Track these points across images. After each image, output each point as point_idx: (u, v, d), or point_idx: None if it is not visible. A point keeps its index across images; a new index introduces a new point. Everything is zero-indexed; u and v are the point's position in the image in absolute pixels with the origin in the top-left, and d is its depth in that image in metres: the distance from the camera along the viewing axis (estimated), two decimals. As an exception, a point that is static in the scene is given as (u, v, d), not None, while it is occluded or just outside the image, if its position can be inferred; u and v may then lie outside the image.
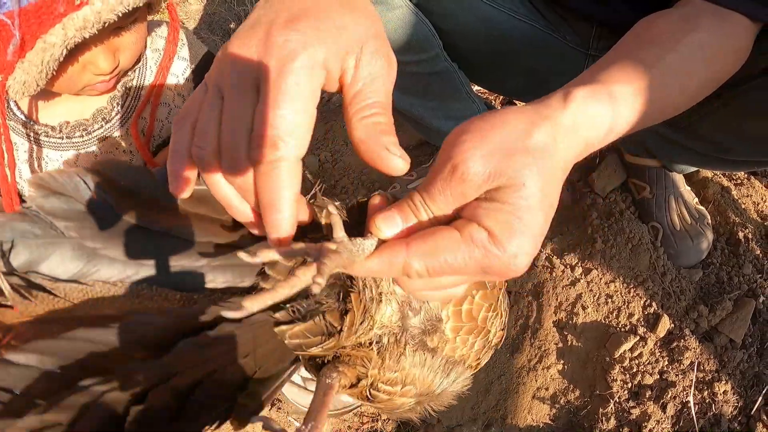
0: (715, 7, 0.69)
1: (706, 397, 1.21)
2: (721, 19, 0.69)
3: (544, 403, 1.28)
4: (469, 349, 0.64)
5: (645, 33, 0.68)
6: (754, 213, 1.45)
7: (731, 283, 1.28)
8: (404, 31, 1.03)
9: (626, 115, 0.53)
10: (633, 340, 1.19)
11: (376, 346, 0.57)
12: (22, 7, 0.68)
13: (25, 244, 0.42)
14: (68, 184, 0.43)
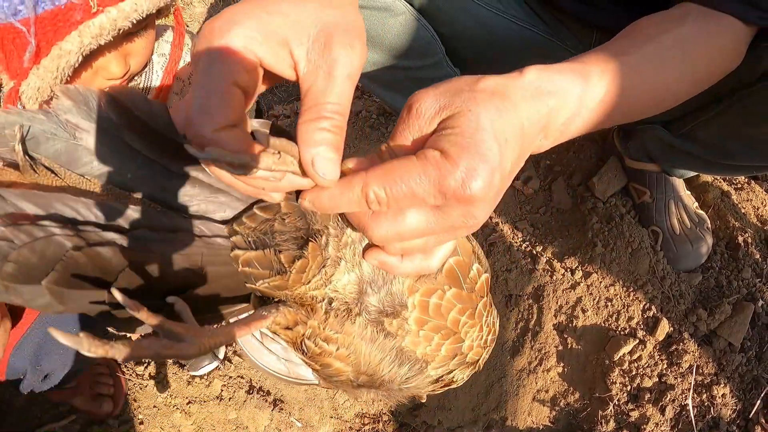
0: (704, 9, 0.71)
1: (705, 400, 1.22)
2: (709, 19, 0.70)
3: (544, 405, 1.30)
4: (433, 350, 0.60)
5: (632, 29, 0.70)
6: (754, 217, 1.46)
7: (730, 287, 1.29)
8: (407, 37, 1.05)
9: (597, 92, 0.54)
10: (632, 343, 1.21)
11: (324, 304, 0.56)
12: (38, 15, 0.70)
13: (42, 134, 0.45)
14: (88, 99, 0.46)
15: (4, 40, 0.71)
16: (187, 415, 1.26)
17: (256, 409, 1.26)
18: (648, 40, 0.66)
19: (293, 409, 1.31)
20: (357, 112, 1.63)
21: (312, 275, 0.54)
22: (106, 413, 1.25)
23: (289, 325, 0.56)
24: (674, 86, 0.68)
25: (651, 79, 0.65)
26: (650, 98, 0.65)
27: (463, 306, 0.60)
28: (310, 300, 0.56)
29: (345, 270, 0.55)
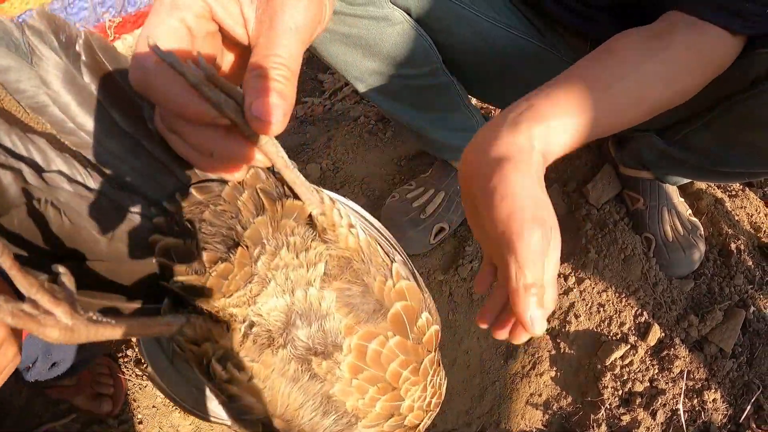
0: (691, 20, 0.73)
1: (696, 405, 1.24)
2: (697, 34, 0.72)
3: (537, 409, 1.31)
4: (366, 405, 0.52)
5: (615, 46, 0.71)
6: (747, 224, 1.47)
7: (722, 294, 1.31)
8: (405, 46, 1.08)
9: (560, 139, 0.60)
10: (624, 348, 1.22)
11: (244, 327, 0.48)
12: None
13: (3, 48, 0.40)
14: (63, 30, 0.41)
15: None
16: (186, 416, 1.28)
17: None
18: (630, 69, 0.68)
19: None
20: (356, 118, 1.65)
21: (235, 288, 0.47)
22: (106, 412, 1.27)
23: (197, 340, 0.47)
24: (649, 111, 0.71)
25: (624, 113, 0.68)
26: (620, 125, 0.69)
27: (406, 358, 0.53)
28: (228, 317, 0.48)
29: (273, 293, 0.48)
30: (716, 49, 0.74)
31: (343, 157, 1.53)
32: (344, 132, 1.60)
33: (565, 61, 1.14)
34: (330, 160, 1.53)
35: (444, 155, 1.35)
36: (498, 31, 1.09)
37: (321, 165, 1.52)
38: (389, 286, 0.52)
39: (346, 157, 1.54)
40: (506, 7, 1.10)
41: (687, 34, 0.73)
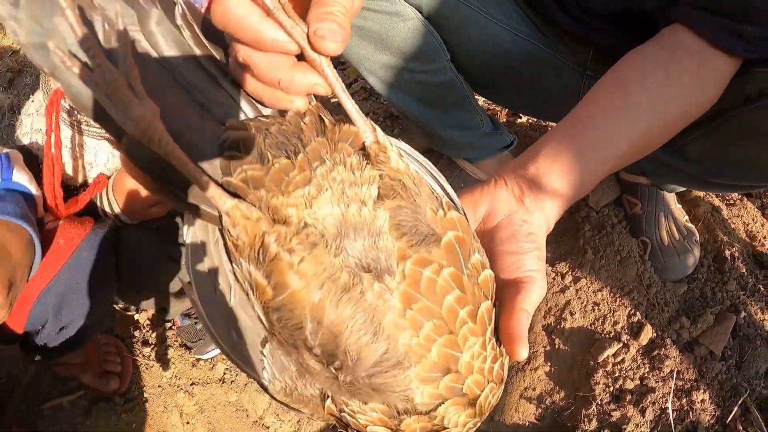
0: (692, 44, 0.76)
1: (684, 405, 1.28)
2: (696, 62, 0.75)
3: (531, 403, 1.35)
4: (421, 346, 0.46)
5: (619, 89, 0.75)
6: (743, 233, 1.51)
7: (714, 299, 1.35)
8: (415, 41, 1.12)
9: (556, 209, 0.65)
10: (616, 346, 1.26)
11: (299, 226, 0.46)
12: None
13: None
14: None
15: None
16: (191, 396, 1.32)
17: (256, 393, 1.32)
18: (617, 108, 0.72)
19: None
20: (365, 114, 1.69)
21: (293, 188, 0.46)
22: (112, 390, 1.31)
23: (249, 216, 0.46)
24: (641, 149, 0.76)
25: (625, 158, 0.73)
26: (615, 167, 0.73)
27: (463, 296, 0.48)
28: (284, 216, 0.46)
29: (329, 201, 0.47)
30: (715, 76, 0.77)
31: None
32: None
33: (567, 64, 1.18)
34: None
35: (449, 152, 1.39)
36: (505, 33, 1.13)
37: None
38: (440, 215, 0.50)
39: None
40: (514, 10, 1.14)
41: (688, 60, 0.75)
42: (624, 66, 0.77)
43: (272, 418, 1.37)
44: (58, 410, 1.32)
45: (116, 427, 1.30)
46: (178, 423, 1.33)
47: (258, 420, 1.36)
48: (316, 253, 0.45)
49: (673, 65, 0.74)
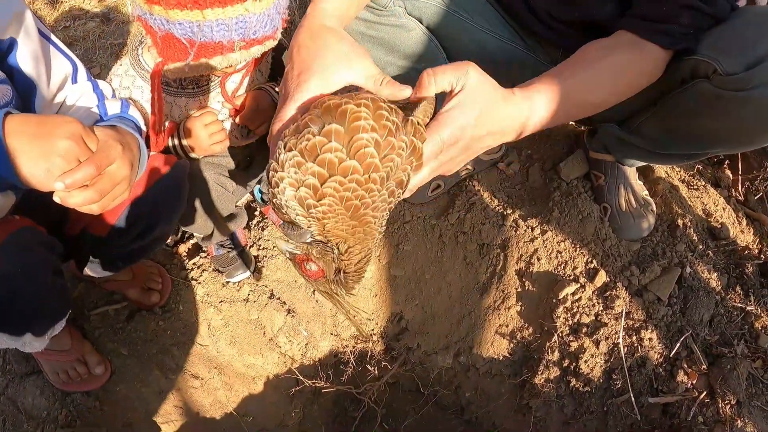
0: (634, 39, 1.03)
1: (635, 342, 1.49)
2: (637, 49, 1.03)
3: (504, 338, 1.58)
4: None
5: (579, 54, 1.04)
6: (699, 210, 1.74)
7: (664, 255, 1.58)
8: (417, 47, 1.39)
9: (540, 113, 0.89)
10: (575, 286, 1.50)
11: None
12: (201, 42, 1.09)
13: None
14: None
15: (174, 42, 1.09)
16: (219, 311, 1.58)
17: (274, 311, 1.57)
18: (586, 66, 1.00)
19: (302, 320, 1.62)
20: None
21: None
22: (153, 303, 1.58)
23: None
24: (603, 100, 1.03)
25: (584, 97, 1.00)
26: (585, 107, 1.01)
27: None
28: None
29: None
30: (650, 61, 1.05)
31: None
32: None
33: (543, 63, 1.45)
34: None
35: None
36: (489, 38, 1.41)
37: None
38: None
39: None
40: (497, 19, 1.42)
41: (631, 48, 1.03)
42: (586, 49, 1.04)
43: (284, 338, 1.62)
44: (104, 316, 1.58)
45: (154, 332, 1.56)
46: (206, 333, 1.58)
47: (273, 338, 1.61)
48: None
49: (620, 50, 1.02)
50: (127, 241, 1.24)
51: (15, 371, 1.59)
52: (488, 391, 1.59)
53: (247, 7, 1.03)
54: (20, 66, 1.04)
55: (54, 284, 1.13)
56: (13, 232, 1.02)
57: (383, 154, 0.69)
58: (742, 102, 1.01)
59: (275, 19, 1.12)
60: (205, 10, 1.01)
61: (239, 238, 1.66)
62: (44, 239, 1.09)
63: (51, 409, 1.54)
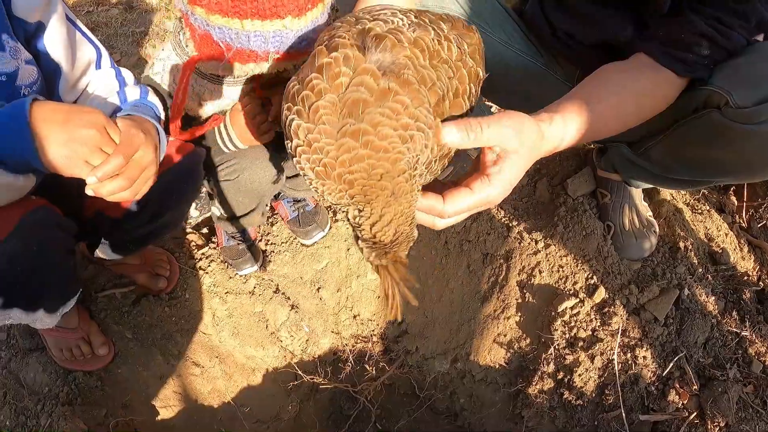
0: (652, 63, 1.06)
1: (629, 359, 1.52)
2: (657, 75, 1.06)
3: (501, 347, 1.61)
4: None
5: (601, 77, 1.07)
6: (702, 234, 1.77)
7: (663, 276, 1.61)
8: None
9: (571, 134, 0.93)
10: (574, 300, 1.53)
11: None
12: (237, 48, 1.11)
13: None
14: None
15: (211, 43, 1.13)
16: (224, 302, 1.62)
17: (278, 306, 1.61)
18: (613, 91, 1.03)
19: (305, 316, 1.65)
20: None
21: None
22: (160, 289, 1.61)
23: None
24: (626, 124, 1.07)
25: (611, 122, 1.04)
26: (608, 131, 1.04)
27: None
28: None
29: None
30: (668, 87, 1.08)
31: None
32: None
33: (559, 80, 1.48)
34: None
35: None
36: (508, 52, 1.44)
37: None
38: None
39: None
40: (516, 33, 1.45)
41: (652, 73, 1.06)
42: (609, 73, 1.07)
43: (286, 333, 1.65)
44: (111, 298, 1.62)
45: (159, 317, 1.59)
46: (209, 322, 1.62)
47: (275, 332, 1.64)
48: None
49: (643, 75, 1.05)
50: (138, 224, 1.27)
51: (19, 346, 1.62)
52: (482, 398, 1.62)
53: (285, 23, 1.07)
54: (47, 49, 1.08)
55: (67, 263, 1.17)
56: (29, 212, 1.05)
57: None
58: (748, 135, 1.04)
59: (312, 37, 1.16)
60: (244, 21, 1.05)
61: (250, 232, 1.69)
62: (59, 219, 1.12)
63: (52, 385, 1.57)
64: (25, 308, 1.13)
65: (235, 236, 1.64)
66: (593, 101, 0.98)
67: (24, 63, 1.03)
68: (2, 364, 1.59)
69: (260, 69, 1.16)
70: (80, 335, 1.55)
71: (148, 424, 1.59)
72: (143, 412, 1.59)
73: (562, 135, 0.92)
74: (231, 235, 1.64)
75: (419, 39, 0.70)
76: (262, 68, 1.15)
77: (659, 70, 1.06)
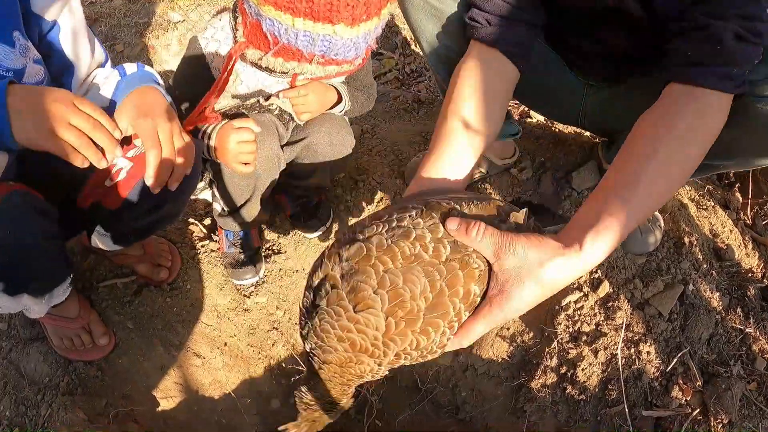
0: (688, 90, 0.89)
1: (632, 354, 1.51)
2: (699, 110, 0.88)
3: (504, 341, 1.60)
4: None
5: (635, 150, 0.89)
6: (707, 230, 1.76)
7: (668, 272, 1.59)
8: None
9: (599, 253, 0.82)
10: (578, 294, 1.52)
11: None
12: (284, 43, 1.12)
13: None
14: None
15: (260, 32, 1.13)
16: (226, 294, 1.61)
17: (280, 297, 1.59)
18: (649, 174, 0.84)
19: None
20: (396, 97, 2.01)
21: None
22: (161, 279, 1.60)
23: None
24: (671, 191, 0.96)
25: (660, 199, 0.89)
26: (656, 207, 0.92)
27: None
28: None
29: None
30: (715, 119, 0.90)
31: (381, 124, 1.89)
32: (385, 106, 1.96)
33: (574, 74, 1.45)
34: (369, 125, 1.89)
35: None
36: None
37: (362, 127, 1.87)
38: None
39: (383, 125, 1.89)
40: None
41: (693, 103, 0.88)
42: (637, 140, 0.90)
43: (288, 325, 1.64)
44: (112, 289, 1.61)
45: (160, 308, 1.58)
46: (211, 314, 1.61)
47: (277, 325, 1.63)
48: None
49: (679, 113, 0.88)
50: (137, 215, 1.26)
51: (19, 336, 1.61)
52: (484, 392, 1.61)
53: (336, 30, 1.06)
54: (62, 46, 1.11)
55: (47, 248, 1.15)
56: (5, 195, 1.05)
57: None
58: (756, 113, 0.99)
59: (360, 47, 1.15)
60: (296, 18, 1.05)
61: (252, 237, 1.67)
62: (37, 203, 1.11)
63: (53, 375, 1.56)
64: (8, 292, 1.12)
65: (236, 243, 1.62)
66: (626, 199, 0.82)
67: (32, 62, 1.06)
68: (3, 354, 1.59)
69: (301, 69, 1.15)
70: (81, 324, 1.54)
71: (148, 414, 1.58)
72: (144, 402, 1.59)
73: (588, 259, 0.82)
74: (232, 242, 1.62)
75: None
76: (303, 69, 1.15)
77: (702, 100, 0.89)
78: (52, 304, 1.28)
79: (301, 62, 1.13)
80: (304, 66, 1.14)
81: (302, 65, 1.14)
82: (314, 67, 1.14)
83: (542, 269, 0.79)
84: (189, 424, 1.60)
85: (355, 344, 0.78)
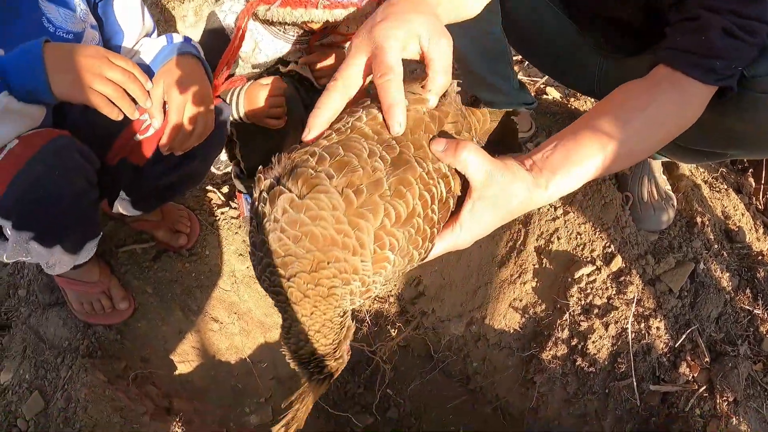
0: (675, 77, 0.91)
1: (642, 329, 1.53)
2: (679, 90, 0.91)
3: (517, 312, 1.63)
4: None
5: (617, 103, 0.92)
6: (719, 212, 1.78)
7: (680, 249, 1.61)
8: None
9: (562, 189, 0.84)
10: (591, 268, 1.54)
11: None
12: None
13: None
14: None
15: None
16: (244, 260, 1.64)
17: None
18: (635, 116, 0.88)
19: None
20: (413, 70, 2.02)
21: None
22: (180, 245, 1.63)
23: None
24: (643, 153, 0.97)
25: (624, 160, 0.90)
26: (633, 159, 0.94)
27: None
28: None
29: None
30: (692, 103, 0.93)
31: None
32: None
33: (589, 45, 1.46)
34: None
35: (488, 96, 1.67)
36: (548, 9, 1.43)
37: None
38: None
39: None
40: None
41: (673, 92, 0.91)
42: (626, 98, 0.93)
43: (302, 292, 1.67)
44: (131, 254, 1.63)
45: (179, 273, 1.61)
46: (229, 279, 1.64)
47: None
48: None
49: (658, 94, 0.91)
50: (161, 171, 1.27)
51: (38, 302, 1.64)
52: (495, 362, 1.64)
53: None
54: (116, 14, 1.22)
55: (87, 194, 1.17)
56: (52, 138, 1.09)
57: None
58: (765, 105, 1.00)
59: None
60: None
61: None
62: (81, 147, 1.13)
63: (72, 339, 1.59)
64: (44, 242, 1.14)
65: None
66: (606, 143, 0.86)
67: (90, 26, 1.15)
68: (22, 319, 1.61)
69: (309, 16, 1.17)
70: (101, 289, 1.57)
71: (166, 378, 1.62)
72: (162, 365, 1.62)
73: (558, 192, 0.84)
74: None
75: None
76: (311, 15, 1.16)
77: (683, 85, 0.92)
78: (79, 261, 1.30)
79: (308, 8, 1.15)
80: (311, 12, 1.16)
81: (309, 11, 1.16)
82: (321, 12, 1.17)
83: (515, 203, 0.81)
84: (205, 387, 1.63)
85: (316, 236, 0.62)
